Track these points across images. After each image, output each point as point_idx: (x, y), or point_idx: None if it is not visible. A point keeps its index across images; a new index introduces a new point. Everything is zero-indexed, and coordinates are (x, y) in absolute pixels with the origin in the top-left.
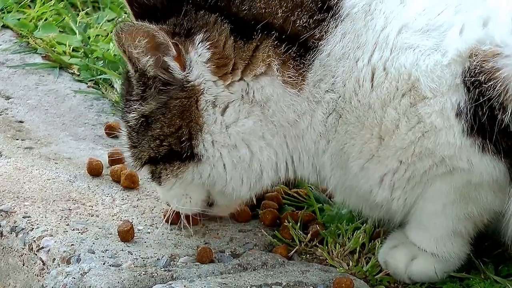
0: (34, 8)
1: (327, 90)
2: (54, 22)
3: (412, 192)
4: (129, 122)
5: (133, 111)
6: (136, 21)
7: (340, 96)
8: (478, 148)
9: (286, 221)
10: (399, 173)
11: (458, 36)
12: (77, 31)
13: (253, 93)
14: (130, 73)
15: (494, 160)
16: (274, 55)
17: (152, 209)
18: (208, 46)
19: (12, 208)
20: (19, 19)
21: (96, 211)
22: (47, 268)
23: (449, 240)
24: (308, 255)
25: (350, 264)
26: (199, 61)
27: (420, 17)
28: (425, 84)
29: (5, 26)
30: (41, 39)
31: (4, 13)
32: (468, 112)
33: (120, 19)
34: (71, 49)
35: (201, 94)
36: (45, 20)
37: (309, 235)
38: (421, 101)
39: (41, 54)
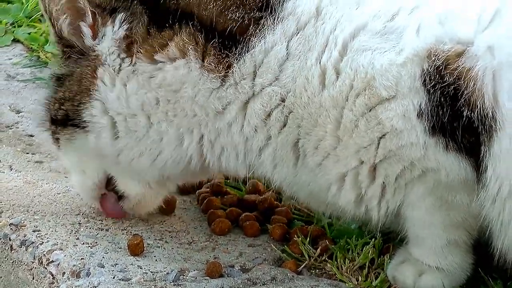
0: (45, 22)
1: (268, 85)
2: None
3: (393, 199)
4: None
5: (52, 72)
6: None
7: (289, 92)
8: (442, 147)
9: (295, 236)
10: (362, 175)
11: (415, 35)
12: None
13: (164, 74)
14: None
15: (458, 158)
16: (192, 42)
17: (162, 223)
18: (125, 28)
19: (22, 221)
20: (29, 33)
21: (106, 225)
22: (57, 282)
23: (447, 251)
24: (317, 270)
25: (359, 279)
26: (111, 37)
27: (376, 19)
28: (379, 82)
29: (16, 40)
30: (51, 53)
31: (15, 27)
32: (429, 112)
33: None
34: None
35: (102, 65)
36: None
37: (318, 250)
38: (380, 104)
39: (51, 68)
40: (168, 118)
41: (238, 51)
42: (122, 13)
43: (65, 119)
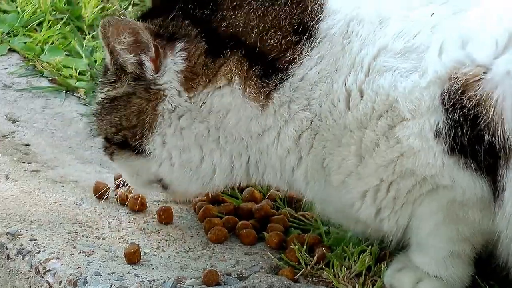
0: (41, 31)
1: (300, 110)
2: (61, 45)
3: (402, 212)
4: (98, 97)
5: (102, 89)
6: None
7: (316, 115)
8: (462, 166)
9: (292, 243)
10: (381, 192)
11: (437, 58)
12: (83, 55)
13: (211, 102)
14: (106, 60)
15: (476, 177)
16: (237, 70)
17: (159, 232)
18: (184, 57)
19: (19, 231)
20: (25, 43)
21: (103, 234)
22: None
23: (449, 262)
24: (314, 278)
25: (356, 287)
26: (172, 69)
27: (398, 39)
28: (403, 105)
29: (11, 50)
30: (47, 62)
31: (10, 36)
32: (447, 132)
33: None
34: (78, 72)
35: (163, 101)
36: (52, 43)
37: (315, 257)
38: (399, 123)
39: (47, 77)
40: (220, 146)
41: (278, 80)
42: (180, 42)
43: (122, 144)
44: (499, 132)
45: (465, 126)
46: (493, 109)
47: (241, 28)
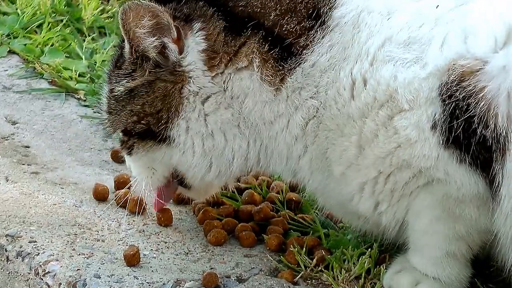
0: (41, 33)
1: (309, 97)
2: (61, 47)
3: (399, 205)
4: (113, 91)
5: (118, 82)
6: None
7: (321, 104)
8: (456, 160)
9: (291, 246)
10: (379, 184)
11: (439, 50)
12: (83, 57)
13: (232, 85)
14: (124, 50)
15: (470, 172)
16: (257, 51)
17: (158, 234)
18: (204, 36)
19: (18, 232)
20: (25, 45)
21: (102, 236)
22: None
23: (446, 262)
24: (313, 280)
25: None
26: (195, 49)
27: (402, 30)
28: (402, 95)
29: (11, 52)
30: (47, 64)
31: (10, 38)
32: (443, 124)
33: None
34: (78, 74)
35: (188, 83)
36: (52, 45)
37: (314, 260)
38: (397, 113)
39: (47, 79)
40: (240, 132)
41: (292, 64)
42: (197, 22)
43: (144, 133)
44: (491, 125)
45: (460, 118)
46: (486, 102)
47: (260, 9)
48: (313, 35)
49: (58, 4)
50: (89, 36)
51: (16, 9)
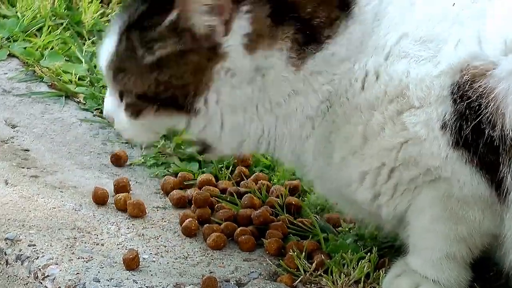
0: (41, 37)
1: (325, 83)
2: (60, 51)
3: (401, 199)
4: (136, 51)
5: (146, 48)
6: None
7: (334, 90)
8: (464, 161)
9: (291, 250)
10: (382, 176)
11: (453, 49)
12: (83, 60)
13: (261, 62)
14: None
15: (474, 174)
16: (290, 37)
17: (158, 238)
18: (250, 20)
19: (18, 236)
20: (25, 48)
21: (102, 239)
22: None
23: (445, 264)
24: (313, 285)
25: None
26: (239, 32)
27: (420, 26)
28: (413, 92)
29: (11, 55)
30: (47, 68)
31: (10, 41)
32: (453, 124)
33: None
34: (77, 78)
35: (224, 61)
36: (51, 49)
37: (314, 264)
38: (407, 110)
39: (47, 83)
40: (259, 109)
41: (314, 49)
42: (245, 4)
43: (168, 102)
44: (498, 126)
45: (470, 118)
46: (494, 103)
47: (300, 1)
48: (338, 25)
49: (58, 8)
50: (89, 39)
51: (16, 12)
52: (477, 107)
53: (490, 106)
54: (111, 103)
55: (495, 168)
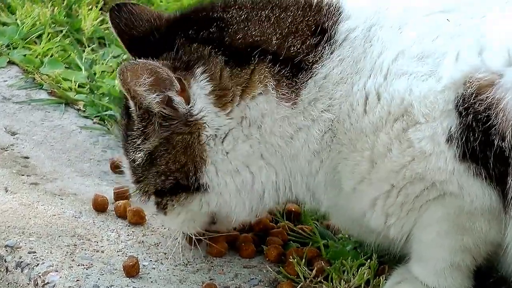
0: (40, 44)
1: (324, 110)
2: (60, 58)
3: (407, 218)
4: (134, 159)
5: (136, 148)
6: (128, 52)
7: (336, 117)
8: (472, 174)
9: (291, 257)
10: (391, 198)
11: (454, 63)
12: (83, 67)
13: (250, 112)
14: (131, 109)
15: (485, 186)
16: (269, 75)
17: (158, 245)
18: (208, 79)
19: (18, 243)
20: (25, 55)
21: (102, 246)
22: None
23: (449, 273)
24: None
25: None
26: (202, 94)
27: (415, 43)
28: (418, 109)
29: (11, 62)
30: (47, 75)
31: (10, 49)
32: (459, 137)
33: (124, 57)
34: (77, 85)
35: (204, 129)
36: (51, 56)
37: (314, 271)
38: (412, 126)
39: (47, 90)
40: (265, 161)
41: (304, 77)
42: (198, 65)
43: (175, 187)
44: (508, 137)
45: (477, 130)
46: (503, 114)
47: (260, 37)
48: (321, 51)
49: (57, 15)
50: (88, 46)
51: (16, 19)
52: (485, 118)
53: (499, 117)
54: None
55: (503, 178)
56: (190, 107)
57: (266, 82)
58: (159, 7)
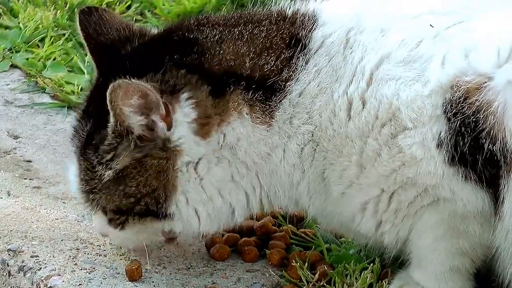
0: (43, 47)
1: (302, 124)
2: (63, 61)
3: (402, 225)
4: (100, 174)
5: (104, 164)
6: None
7: (316, 127)
8: (461, 177)
9: (293, 261)
10: (382, 203)
11: (440, 67)
12: (85, 71)
13: (226, 137)
14: (109, 123)
15: (477, 189)
16: (243, 102)
17: (160, 249)
18: (193, 106)
19: (20, 247)
20: (27, 59)
21: (104, 250)
22: None
23: (449, 277)
24: None
25: None
26: (184, 121)
27: (400, 48)
28: (405, 114)
29: (13, 66)
30: (49, 78)
31: (12, 52)
32: (449, 141)
33: None
34: (80, 88)
35: (181, 155)
36: (54, 59)
37: (316, 275)
38: (401, 132)
39: (49, 93)
40: (236, 184)
41: (278, 99)
42: (184, 92)
43: (145, 212)
44: (500, 140)
45: (466, 135)
46: (494, 117)
47: (234, 61)
48: (295, 63)
49: (60, 18)
50: None
51: (19, 23)
52: (474, 123)
53: (489, 120)
54: (99, 222)
55: (495, 181)
56: (171, 133)
57: (241, 108)
58: (162, 11)
